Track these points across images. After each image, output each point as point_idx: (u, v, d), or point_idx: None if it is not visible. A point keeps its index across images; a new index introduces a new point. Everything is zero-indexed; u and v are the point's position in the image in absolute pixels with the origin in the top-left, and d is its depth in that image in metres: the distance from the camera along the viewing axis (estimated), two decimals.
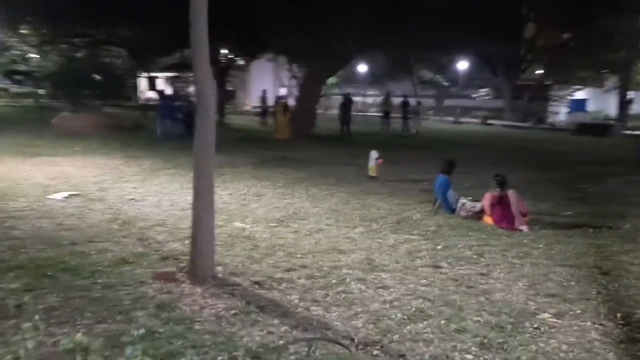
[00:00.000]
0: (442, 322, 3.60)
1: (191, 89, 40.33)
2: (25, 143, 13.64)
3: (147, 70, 32.72)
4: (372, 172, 9.92)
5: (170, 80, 37.35)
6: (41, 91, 34.19)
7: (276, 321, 3.56)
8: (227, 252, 5.11)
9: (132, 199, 7.49)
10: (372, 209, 7.39)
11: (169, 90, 37.05)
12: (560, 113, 32.45)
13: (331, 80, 40.40)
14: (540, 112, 31.30)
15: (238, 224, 6.32)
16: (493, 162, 12.23)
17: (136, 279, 4.27)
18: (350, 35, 16.69)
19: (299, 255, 5.07)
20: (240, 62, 32.68)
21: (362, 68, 36.10)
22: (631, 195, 8.95)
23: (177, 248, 5.23)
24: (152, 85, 32.68)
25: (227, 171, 10.32)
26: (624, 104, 23.70)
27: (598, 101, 32.08)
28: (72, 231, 5.71)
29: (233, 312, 3.67)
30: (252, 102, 36.40)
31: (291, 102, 24.06)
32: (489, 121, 29.62)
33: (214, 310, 3.69)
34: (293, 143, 16.31)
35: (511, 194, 6.33)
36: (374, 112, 32.48)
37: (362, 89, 38.38)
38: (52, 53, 34.83)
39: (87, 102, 21.62)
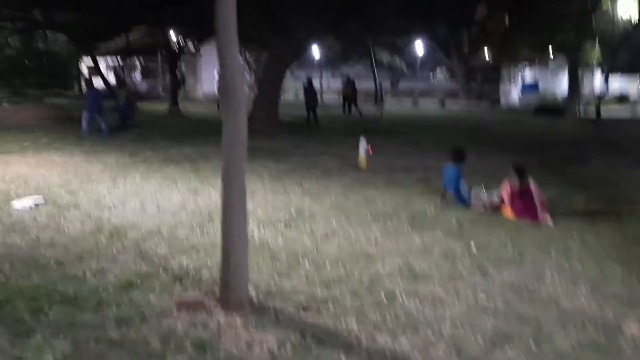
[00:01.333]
0: (531, 344, 3.16)
1: (136, 76, 38.40)
2: None
3: (90, 56, 30.69)
4: (362, 163, 9.42)
5: (115, 67, 35.26)
6: None
7: (343, 356, 3.01)
8: None
9: (112, 205, 6.63)
10: (377, 203, 6.89)
11: (110, 78, 35.08)
12: (512, 94, 33.10)
13: None
14: (493, 94, 31.78)
15: None
16: (467, 146, 12.02)
17: (154, 308, 3.58)
18: (309, 17, 16.04)
19: (328, 266, 4.51)
20: (191, 46, 31.25)
21: (315, 52, 35.40)
22: (622, 177, 8.91)
23: (186, 263, 4.53)
24: (95, 73, 30.67)
25: (203, 165, 9.55)
26: (576, 84, 24.29)
27: (545, 81, 32.93)
28: (55, 248, 4.87)
29: (288, 347, 3.08)
30: (202, 88, 34.99)
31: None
32: (446, 104, 29.78)
33: (265, 347, 3.08)
34: (261, 132, 15.54)
35: (533, 184, 5.99)
36: (331, 97, 31.92)
37: (316, 73, 37.70)
38: None
39: (27, 92, 19.84)
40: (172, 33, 27.86)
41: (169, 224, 5.78)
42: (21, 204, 6.48)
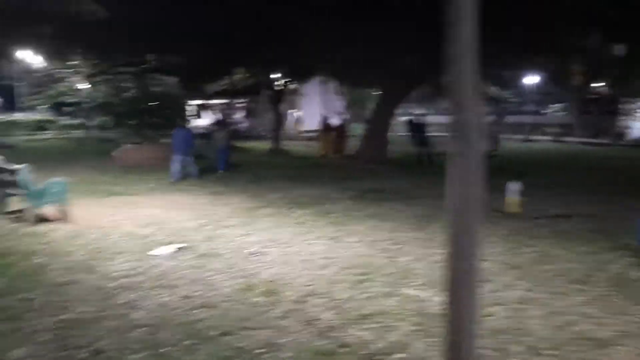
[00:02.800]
0: None
1: (237, 115, 39.71)
2: (91, 179, 12.58)
3: (198, 98, 32.12)
4: (513, 207, 8.30)
5: (218, 108, 36.64)
6: (92, 122, 33.84)
7: None
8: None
9: (253, 253, 6.07)
10: (557, 261, 5.76)
11: (211, 117, 36.47)
12: (633, 128, 30.11)
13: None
14: (612, 127, 29.05)
15: (410, 292, 4.80)
16: (623, 191, 10.47)
17: None
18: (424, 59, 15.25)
19: (557, 351, 3.50)
20: (292, 85, 31.67)
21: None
22: None
23: (367, 339, 3.73)
24: (199, 113, 31.93)
25: (330, 209, 8.89)
26: None
27: None
28: (209, 310, 4.29)
29: None
30: (303, 126, 35.27)
31: (336, 122, 22.79)
32: (561, 138, 27.53)
33: None
34: (371, 170, 14.80)
35: None
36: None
37: (410, 108, 36.72)
38: (101, 83, 34.72)
39: (145, 133, 20.72)
40: (274, 74, 28.51)
41: (322, 281, 5.06)
42: (161, 251, 6.11)
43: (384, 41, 13.97)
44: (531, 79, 28.89)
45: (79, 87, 34.31)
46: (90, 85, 33.12)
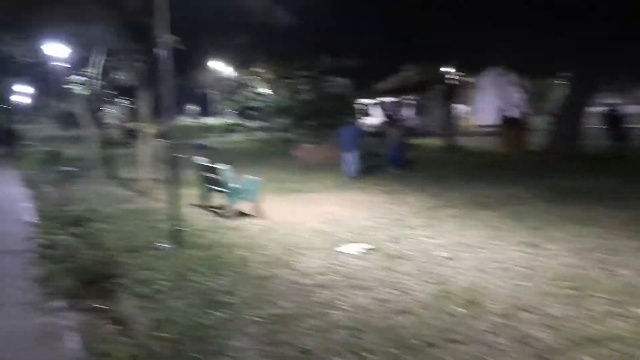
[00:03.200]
0: None
1: (407, 113, 39.36)
2: (275, 177, 13.32)
3: (368, 96, 32.61)
4: None
5: (387, 105, 36.70)
6: (274, 125, 36.53)
7: None
8: None
9: (445, 257, 5.75)
10: None
11: (381, 115, 36.63)
12: None
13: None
14: None
15: None
16: None
17: None
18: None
19: None
20: (466, 79, 30.27)
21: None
22: None
23: None
24: (369, 112, 32.24)
25: (523, 211, 8.10)
26: None
27: None
28: (407, 316, 4.10)
29: None
30: (476, 120, 33.63)
31: (516, 116, 20.97)
32: None
33: None
34: (564, 169, 13.28)
35: None
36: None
37: (605, 97, 32.45)
38: (281, 88, 37.32)
39: (321, 133, 21.58)
40: (445, 67, 27.56)
41: (528, 293, 4.53)
42: (348, 249, 6.11)
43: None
44: None
45: (262, 92, 37.37)
46: (271, 90, 35.85)
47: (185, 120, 38.58)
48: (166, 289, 4.71)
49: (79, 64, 14.10)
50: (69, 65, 14.64)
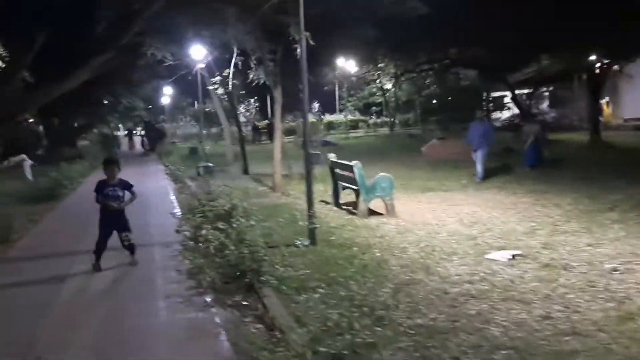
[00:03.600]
0: None
1: (543, 106, 36.32)
2: (404, 174, 12.91)
3: (499, 89, 30.66)
4: None
5: (522, 98, 34.22)
6: (397, 120, 36.00)
7: None
8: None
9: (614, 269, 4.96)
10: None
11: (515, 109, 34.11)
12: None
13: None
14: None
15: None
16: None
17: None
18: None
19: None
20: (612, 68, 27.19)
21: None
22: None
23: None
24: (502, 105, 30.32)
25: None
26: None
27: None
28: (582, 340, 3.51)
29: None
30: (623, 113, 30.13)
31: None
32: None
33: None
34: None
35: None
36: None
37: None
38: (405, 82, 36.61)
39: (449, 128, 20.71)
40: (589, 55, 24.90)
41: None
42: (499, 256, 5.55)
43: None
44: None
45: (385, 88, 37.05)
46: (394, 85, 35.34)
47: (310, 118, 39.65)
48: (310, 290, 4.59)
49: (218, 64, 14.85)
50: (208, 66, 15.51)
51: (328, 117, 38.81)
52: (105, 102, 25.67)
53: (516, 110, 35.26)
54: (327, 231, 7.00)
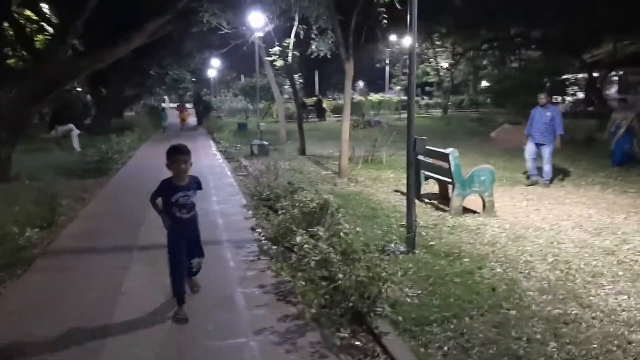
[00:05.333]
0: None
1: (611, 92, 33.62)
2: (479, 163, 11.54)
3: (567, 71, 28.39)
4: None
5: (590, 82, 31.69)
6: (454, 102, 34.09)
7: None
8: None
9: None
10: None
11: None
12: None
13: None
14: None
15: None
16: None
17: None
18: None
19: None
20: None
21: None
22: None
23: None
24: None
25: None
26: None
27: None
28: None
29: None
30: None
31: None
32: None
33: None
34: None
35: None
36: None
37: None
38: (463, 62, 34.58)
39: (522, 112, 18.98)
40: None
41: None
42: None
43: None
44: None
45: (440, 67, 35.11)
46: (451, 65, 33.41)
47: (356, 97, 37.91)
48: (435, 325, 3.47)
49: (276, 35, 13.70)
50: (265, 37, 14.38)
51: (376, 96, 37.17)
52: (152, 73, 25.00)
53: (580, 96, 32.86)
54: (419, 232, 5.83)
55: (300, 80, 35.56)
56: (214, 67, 34.47)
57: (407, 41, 20.78)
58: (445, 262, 4.85)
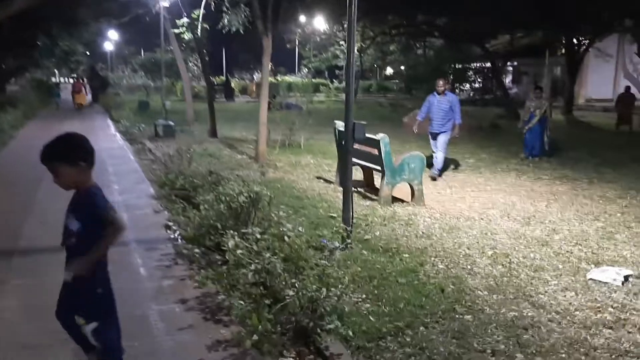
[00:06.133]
0: None
1: (506, 80, 35.64)
2: (396, 148, 11.43)
3: (470, 60, 29.59)
4: None
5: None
6: (361, 86, 34.21)
7: None
8: None
9: None
10: None
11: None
12: None
13: None
14: None
15: None
16: None
17: None
18: None
19: None
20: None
21: None
22: None
23: None
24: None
25: None
26: None
27: None
28: None
29: None
30: (587, 93, 29.96)
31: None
32: None
33: None
34: None
35: None
36: None
37: None
38: (370, 47, 34.75)
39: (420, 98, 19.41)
40: (562, 31, 24.19)
41: None
42: (603, 276, 4.18)
43: None
44: None
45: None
46: (360, 50, 33.37)
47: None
48: (389, 339, 3.02)
49: (184, 5, 12.58)
50: (172, 6, 13.18)
51: (286, 78, 36.46)
52: (39, 43, 22.39)
53: (477, 85, 34.53)
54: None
55: (206, 58, 33.91)
56: (112, 39, 31.81)
57: (319, 22, 20.15)
58: (384, 258, 4.45)
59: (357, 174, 7.77)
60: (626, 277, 4.16)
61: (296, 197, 6.67)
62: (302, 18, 31.25)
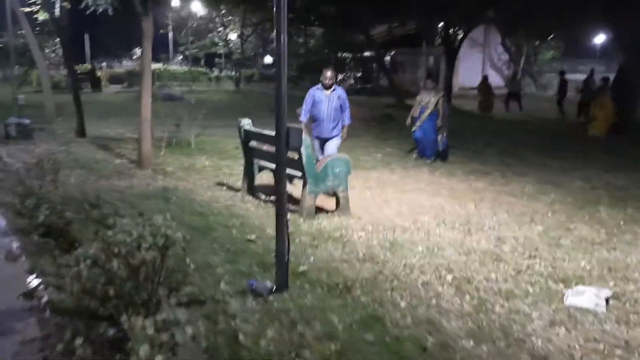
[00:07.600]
0: None
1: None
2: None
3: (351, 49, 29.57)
4: None
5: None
6: (243, 75, 32.60)
7: None
8: None
9: None
10: None
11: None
12: None
13: (548, 55, 33.87)
14: None
15: None
16: None
17: None
18: None
19: None
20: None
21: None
22: None
23: None
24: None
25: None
26: None
27: None
28: None
29: None
30: (460, 82, 31.56)
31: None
32: None
33: None
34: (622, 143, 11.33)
35: None
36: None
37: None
38: (251, 35, 33.31)
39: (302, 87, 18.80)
40: (437, 21, 25.16)
41: None
42: (582, 300, 3.64)
43: None
44: None
45: (229, 39, 33.28)
46: (240, 37, 31.89)
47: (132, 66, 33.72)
48: None
49: None
50: None
51: (158, 66, 33.67)
52: None
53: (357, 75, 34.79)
54: (272, 247, 4.36)
55: (68, 43, 30.07)
56: None
57: (195, 6, 18.39)
58: (335, 302, 3.49)
59: (264, 178, 6.72)
60: (607, 300, 3.67)
61: (199, 214, 5.45)
62: (177, 1, 28.98)
